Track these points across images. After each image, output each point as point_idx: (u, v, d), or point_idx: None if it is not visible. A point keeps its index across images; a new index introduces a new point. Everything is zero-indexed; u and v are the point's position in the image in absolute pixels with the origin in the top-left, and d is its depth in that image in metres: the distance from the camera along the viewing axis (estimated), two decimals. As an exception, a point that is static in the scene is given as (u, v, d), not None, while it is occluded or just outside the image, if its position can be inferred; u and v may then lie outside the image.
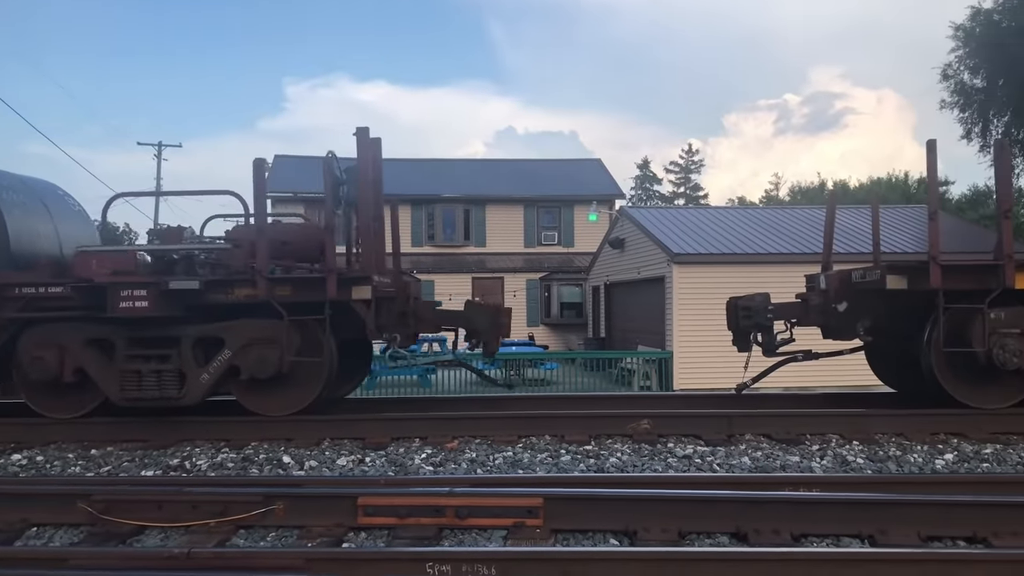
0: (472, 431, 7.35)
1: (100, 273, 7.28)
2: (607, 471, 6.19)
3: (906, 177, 58.67)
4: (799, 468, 6.20)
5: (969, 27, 29.57)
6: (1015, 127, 29.68)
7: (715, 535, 4.74)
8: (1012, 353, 6.95)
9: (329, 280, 7.19)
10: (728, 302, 8.35)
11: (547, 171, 36.46)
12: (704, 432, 7.26)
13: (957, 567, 3.79)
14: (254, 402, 7.60)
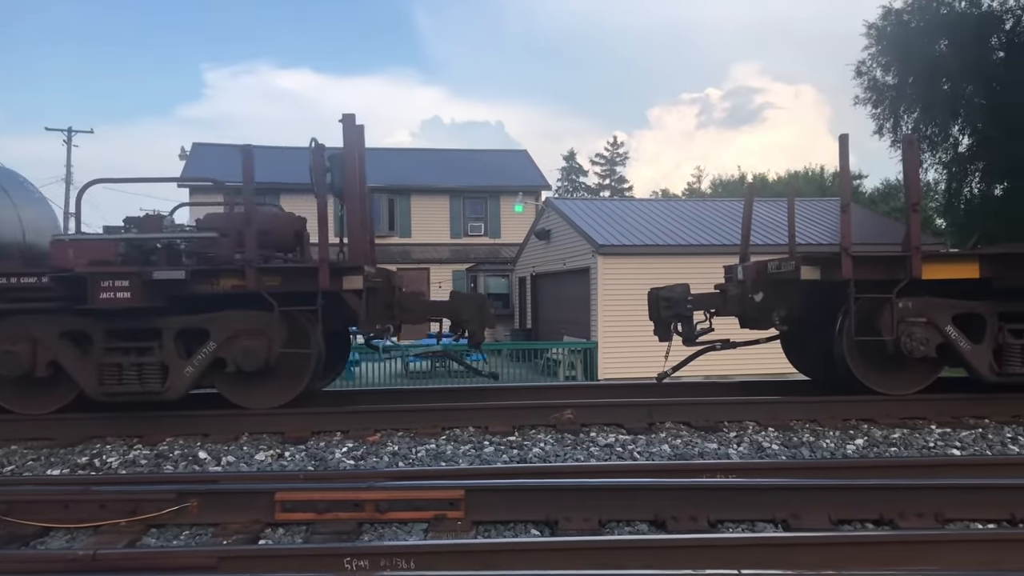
0: (395, 424, 7.28)
1: (78, 263, 6.96)
2: (530, 462, 6.19)
3: (822, 171, 60.53)
4: (717, 455, 6.32)
5: (881, 26, 30.60)
6: (924, 123, 30.85)
7: (635, 523, 4.79)
8: (919, 341, 7.18)
9: (322, 270, 7.01)
10: (649, 293, 8.44)
11: (473, 161, 36.39)
12: (626, 421, 7.34)
13: (865, 549, 3.90)
14: (239, 395, 7.40)
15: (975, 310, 7.34)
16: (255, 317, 7.14)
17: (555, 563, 3.93)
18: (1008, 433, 6.82)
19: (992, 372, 7.30)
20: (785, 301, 8.06)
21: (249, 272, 7.01)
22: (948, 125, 30.60)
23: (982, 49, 29.50)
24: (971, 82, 29.32)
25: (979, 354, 7.31)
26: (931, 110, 30.09)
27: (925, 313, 7.27)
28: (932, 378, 7.63)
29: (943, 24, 29.24)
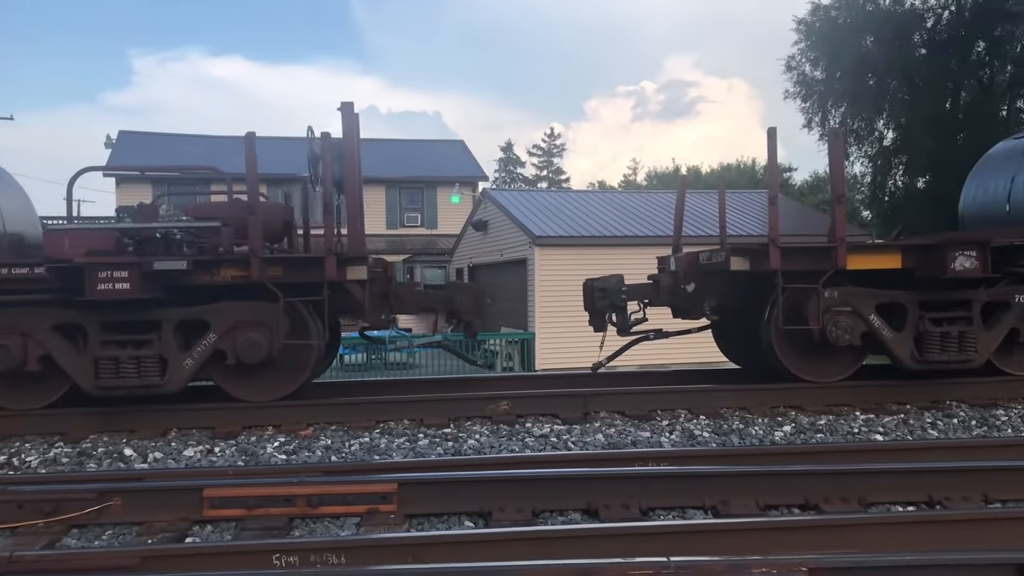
0: (328, 417, 7.19)
1: (74, 253, 6.74)
2: (465, 453, 6.18)
3: (754, 163, 61.75)
4: (649, 443, 6.40)
5: (810, 22, 31.31)
6: (850, 117, 31.69)
7: (568, 512, 4.82)
8: (844, 330, 7.36)
9: (328, 260, 6.92)
10: (584, 284, 8.50)
11: (410, 152, 36.10)
12: (561, 411, 7.38)
13: (791, 533, 3.99)
14: (238, 388, 7.27)
15: (897, 299, 7.55)
16: (257, 308, 7.04)
17: (488, 555, 3.92)
18: (928, 418, 7.05)
19: (913, 360, 7.52)
20: (715, 291, 8.17)
21: (254, 262, 6.88)
22: (873, 119, 31.51)
23: (905, 46, 30.44)
24: (895, 78, 30.23)
25: (901, 342, 7.52)
26: (857, 105, 30.94)
27: (849, 302, 7.45)
28: (856, 366, 7.83)
29: (869, 21, 30.06)
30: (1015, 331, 7.64)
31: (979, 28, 29.94)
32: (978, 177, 10.35)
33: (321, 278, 6.96)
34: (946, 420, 7.00)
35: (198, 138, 34.48)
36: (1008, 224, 9.05)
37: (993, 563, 3.36)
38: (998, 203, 9.61)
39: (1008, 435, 6.62)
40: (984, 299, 7.61)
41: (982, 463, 5.15)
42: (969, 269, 7.22)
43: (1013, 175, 9.45)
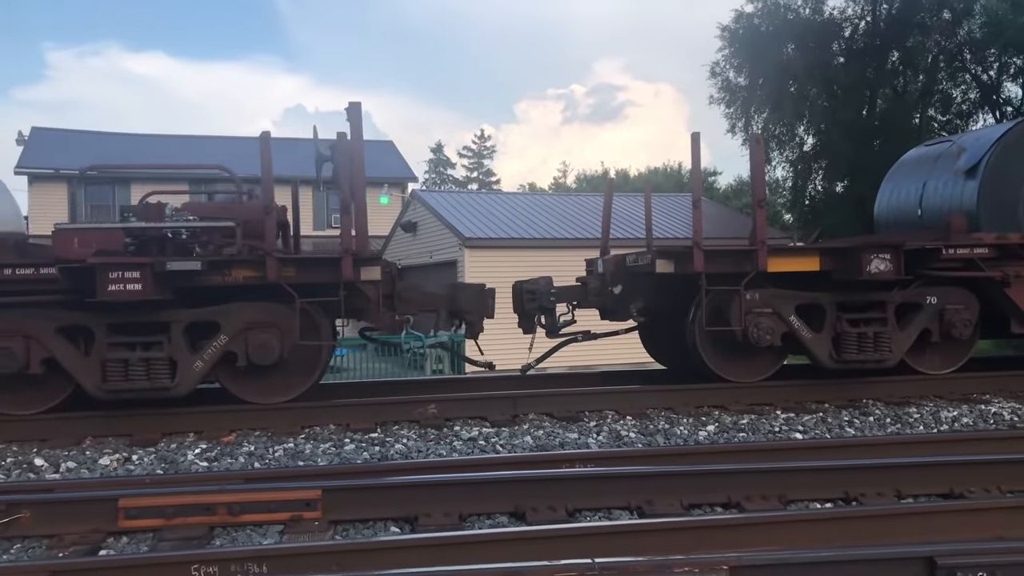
0: (252, 423, 7.05)
1: (83, 252, 6.58)
2: (391, 458, 6.12)
3: (680, 167, 62.83)
4: (577, 445, 6.43)
5: (734, 29, 32.06)
6: (772, 123, 32.56)
7: (495, 515, 4.81)
8: (765, 331, 7.54)
9: (344, 261, 6.90)
10: (514, 286, 8.51)
11: (338, 152, 35.63)
12: (490, 414, 7.38)
13: (712, 532, 4.06)
14: (246, 390, 7.20)
15: (816, 301, 7.76)
16: (268, 309, 6.99)
17: (413, 560, 3.88)
18: (845, 416, 7.26)
19: (831, 359, 7.75)
20: (642, 293, 8.28)
21: (270, 263, 6.82)
22: (794, 125, 32.43)
23: (825, 54, 31.44)
24: (815, 85, 31.18)
25: (819, 342, 7.74)
26: (779, 110, 31.80)
27: (770, 304, 7.63)
28: (777, 366, 8.03)
29: (790, 29, 30.93)
30: (927, 331, 7.91)
31: (893, 38, 31.11)
32: (892, 182, 10.70)
33: (336, 279, 6.93)
34: (862, 418, 7.22)
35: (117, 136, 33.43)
36: (920, 228, 9.38)
37: (905, 556, 3.47)
38: (911, 207, 9.97)
39: (920, 432, 6.86)
40: (898, 300, 7.86)
41: (896, 460, 5.33)
42: (884, 271, 7.46)
43: (925, 181, 9.81)
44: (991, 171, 8.84)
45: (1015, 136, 8.95)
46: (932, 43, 31.14)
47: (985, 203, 8.79)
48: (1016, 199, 8.75)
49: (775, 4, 31.58)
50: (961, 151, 9.41)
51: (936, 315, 7.89)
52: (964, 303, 7.93)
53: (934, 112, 33.09)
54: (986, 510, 4.29)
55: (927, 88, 32.15)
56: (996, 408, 7.44)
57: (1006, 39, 29.31)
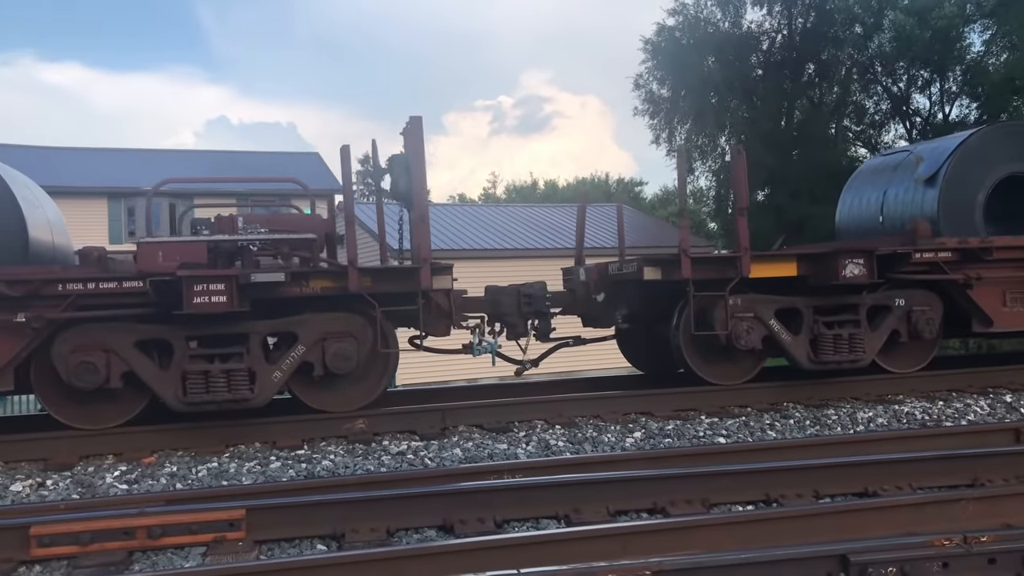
0: (174, 443, 6.88)
1: (167, 266, 6.73)
2: (318, 475, 6.05)
3: (607, 177, 63.65)
4: (506, 456, 6.46)
5: (656, 42, 32.69)
6: (695, 134, 33.26)
7: (423, 529, 4.80)
8: (747, 334, 7.79)
9: (424, 270, 7.13)
10: (487, 288, 8.50)
11: (262, 164, 35.02)
12: (419, 427, 7.35)
13: (636, 538, 4.12)
14: (320, 399, 7.32)
15: (794, 305, 8.08)
16: (344, 319, 7.15)
17: (340, 578, 3.85)
18: (767, 420, 7.45)
19: (809, 360, 8.05)
20: (626, 300, 8.49)
21: (352, 273, 6.96)
22: (716, 136, 33.18)
23: (744, 66, 32.30)
24: (735, 96, 32.00)
25: (798, 345, 8.05)
26: (701, 121, 32.52)
27: (752, 309, 7.91)
28: (758, 368, 8.33)
29: (710, 42, 31.70)
30: (896, 332, 8.30)
31: (809, 51, 32.15)
32: (852, 190, 11.11)
33: (409, 288, 7.15)
34: (783, 421, 7.42)
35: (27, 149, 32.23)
36: (882, 234, 9.77)
37: (820, 555, 3.58)
38: (872, 214, 10.38)
39: (837, 433, 7.08)
40: (869, 303, 8.24)
41: (813, 461, 5.49)
42: (858, 276, 7.83)
43: (885, 188, 10.21)
44: (950, 179, 9.25)
45: (971, 146, 9.40)
46: (845, 56, 32.29)
47: (945, 209, 9.19)
48: (973, 205, 9.21)
49: (695, 18, 32.35)
50: (920, 160, 9.79)
51: (904, 316, 8.28)
52: (929, 304, 8.34)
53: (848, 122, 34.29)
54: (898, 507, 4.45)
55: (841, 99, 33.30)
56: (909, 408, 7.72)
57: (913, 53, 30.58)
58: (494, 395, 8.86)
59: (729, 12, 32.47)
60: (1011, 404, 7.79)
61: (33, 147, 31.66)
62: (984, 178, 9.25)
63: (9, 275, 6.61)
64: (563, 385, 9.43)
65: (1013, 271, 8.57)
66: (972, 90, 31.62)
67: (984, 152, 9.35)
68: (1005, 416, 7.48)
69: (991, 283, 8.48)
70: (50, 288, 6.62)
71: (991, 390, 8.34)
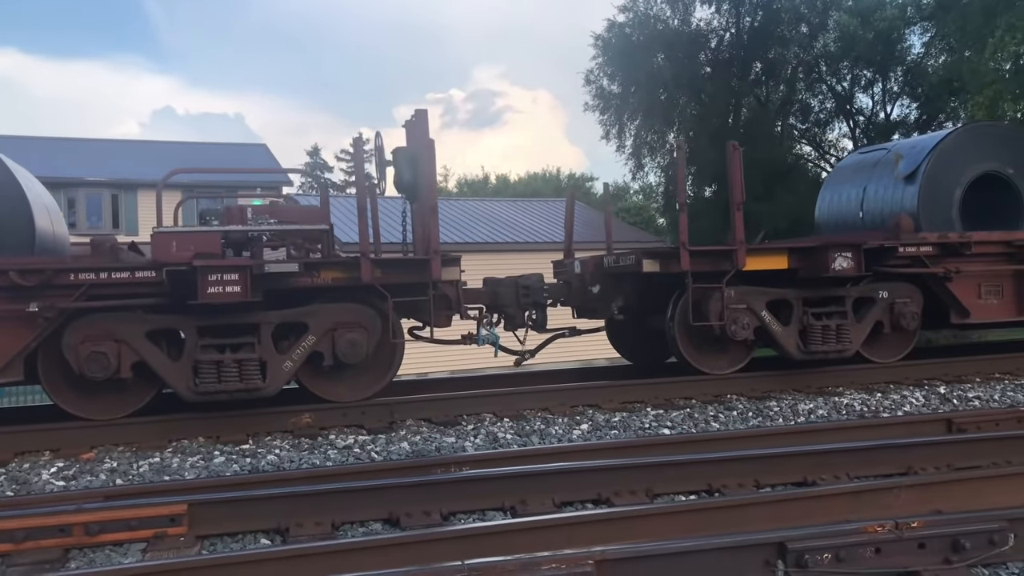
0: (114, 439, 6.77)
1: (182, 256, 6.72)
2: (263, 469, 5.99)
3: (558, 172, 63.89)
4: (453, 449, 6.47)
5: (606, 38, 32.89)
6: (644, 130, 33.58)
7: (369, 523, 4.78)
8: (741, 325, 8.01)
9: (434, 261, 7.24)
10: (507, 280, 8.56)
11: (209, 155, 34.39)
12: (366, 421, 7.34)
13: (580, 528, 4.16)
14: (328, 389, 7.44)
15: (784, 296, 8.33)
16: (354, 309, 7.26)
17: (284, 572, 3.81)
18: (711, 412, 7.57)
19: (799, 350, 8.34)
20: (621, 292, 8.67)
21: (365, 264, 7.08)
22: (665, 132, 33.53)
23: (693, 64, 32.66)
24: (684, 93, 32.35)
25: (788, 335, 8.32)
26: (651, 118, 32.84)
27: (744, 300, 8.13)
28: (748, 358, 8.57)
29: (660, 39, 31.99)
30: (880, 323, 8.61)
31: (756, 50, 32.66)
32: (831, 187, 11.49)
33: (418, 279, 7.30)
34: (727, 413, 7.55)
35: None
36: (862, 229, 10.15)
37: (759, 543, 3.65)
38: (852, 210, 10.74)
39: (779, 424, 7.23)
40: (855, 295, 8.54)
41: (754, 451, 5.60)
42: (847, 268, 8.14)
43: (865, 185, 10.57)
44: (929, 176, 9.65)
45: (949, 145, 9.82)
46: (791, 55, 32.89)
47: (924, 205, 9.59)
48: (950, 202, 9.65)
49: (645, 15, 32.62)
50: (899, 158, 10.17)
51: (887, 308, 8.63)
52: (910, 297, 8.71)
53: (794, 120, 34.94)
54: (834, 496, 4.56)
55: (787, 98, 33.91)
56: (848, 400, 7.91)
57: (857, 53, 31.25)
58: (443, 389, 8.89)
59: (678, 10, 32.83)
60: (944, 395, 8.03)
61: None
62: (960, 176, 9.71)
63: (22, 265, 6.61)
64: (512, 378, 9.46)
65: (988, 265, 8.99)
66: (912, 90, 32.48)
67: (960, 151, 9.79)
68: (938, 407, 7.71)
69: (968, 276, 8.88)
70: (62, 278, 6.60)
71: (926, 382, 8.60)
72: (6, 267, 6.51)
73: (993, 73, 23.83)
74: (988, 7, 23.95)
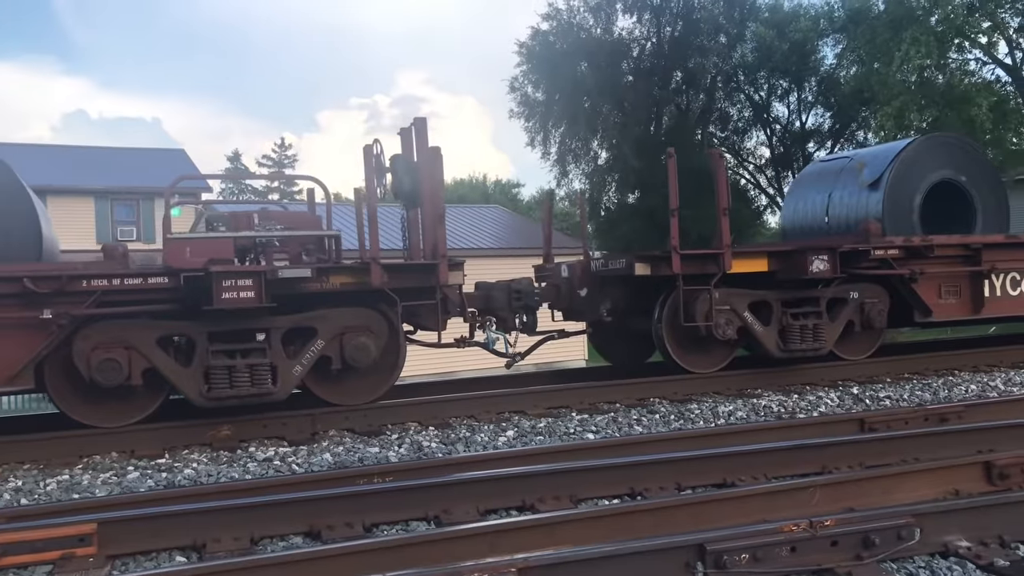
0: (20, 455, 6.50)
1: (195, 262, 6.84)
2: (179, 484, 5.81)
3: (484, 179, 64.00)
4: (377, 459, 6.39)
5: (530, 45, 33.13)
6: (569, 138, 33.92)
7: (289, 537, 4.68)
8: (726, 326, 8.29)
9: (442, 266, 7.46)
10: (500, 284, 8.74)
11: (123, 160, 33.42)
12: (288, 433, 7.21)
13: (504, 536, 4.13)
14: (334, 393, 7.54)
15: (765, 298, 8.72)
16: (362, 314, 7.39)
17: (199, 590, 3.70)
18: (634, 415, 7.66)
19: (778, 349, 8.70)
20: (610, 295, 8.91)
21: (375, 269, 7.21)
22: (589, 140, 33.97)
23: (615, 72, 33.16)
24: (607, 101, 32.80)
25: (768, 335, 8.65)
26: (575, 125, 33.20)
27: (728, 302, 8.41)
28: (730, 357, 8.87)
29: (583, 48, 32.40)
30: (851, 322, 9.00)
31: (677, 59, 33.34)
32: (797, 194, 11.98)
33: (423, 283, 7.52)
34: (650, 416, 7.65)
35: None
36: (828, 234, 10.63)
37: (679, 545, 3.69)
38: (818, 216, 11.21)
39: (700, 427, 7.35)
40: (829, 296, 8.91)
41: (676, 454, 5.66)
42: (823, 270, 8.56)
43: (830, 191, 11.06)
44: (892, 183, 10.20)
45: (910, 153, 10.41)
46: (711, 65, 33.68)
47: (888, 211, 10.11)
48: (911, 207, 10.20)
49: (568, 23, 33.00)
50: (863, 166, 10.72)
51: (858, 308, 9.03)
52: (878, 297, 9.17)
53: (714, 129, 35.79)
54: (752, 496, 4.63)
55: (707, 106, 34.71)
56: (766, 401, 8.10)
57: (773, 63, 32.20)
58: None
59: (601, 19, 33.30)
60: (858, 396, 8.30)
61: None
62: (919, 183, 10.28)
63: (36, 271, 6.57)
64: (438, 387, 9.42)
65: (947, 267, 9.49)
66: (826, 100, 33.61)
67: (919, 160, 10.40)
68: (852, 407, 7.96)
69: (930, 278, 9.37)
70: (75, 284, 6.58)
71: (841, 383, 8.88)
72: (20, 274, 6.48)
73: (900, 85, 24.85)
74: (895, 21, 24.99)
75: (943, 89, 25.35)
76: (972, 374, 9.28)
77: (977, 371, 9.44)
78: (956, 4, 23.78)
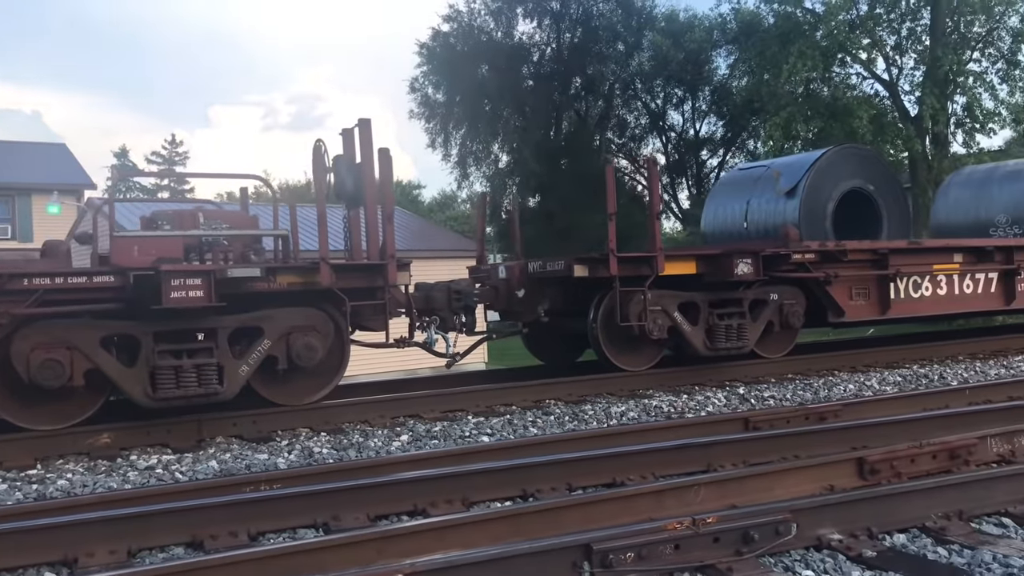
0: None
1: (143, 260, 6.76)
2: (51, 496, 5.51)
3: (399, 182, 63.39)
4: (265, 466, 6.23)
5: (431, 46, 33.02)
6: (470, 140, 33.96)
7: (170, 548, 4.50)
8: (657, 325, 8.65)
9: (391, 266, 7.49)
10: (440, 284, 8.72)
11: (2, 154, 31.64)
12: (172, 440, 6.97)
13: (392, 541, 4.08)
14: (279, 393, 7.53)
15: (693, 299, 9.07)
16: (309, 314, 7.39)
17: (68, 608, 3.51)
18: (530, 417, 7.71)
19: (705, 347, 9.10)
20: (547, 296, 9.11)
21: (324, 269, 7.17)
22: (490, 143, 34.10)
23: (516, 76, 33.40)
24: (507, 105, 33.01)
25: (696, 334, 9.00)
26: (475, 128, 33.28)
27: (659, 303, 8.67)
28: (660, 355, 9.34)
29: (483, 50, 32.52)
30: (771, 323, 9.41)
31: (576, 65, 33.84)
32: (716, 201, 12.42)
33: (370, 284, 7.56)
34: (544, 417, 7.71)
35: None
36: (746, 239, 11.09)
37: (566, 546, 3.72)
38: (737, 222, 11.67)
39: (592, 427, 7.46)
40: (751, 297, 9.26)
41: (567, 455, 5.71)
42: (747, 273, 8.95)
43: (748, 199, 11.51)
44: (807, 191, 10.74)
45: (824, 163, 10.98)
46: (609, 72, 34.33)
47: (804, 217, 10.66)
48: (824, 214, 10.78)
49: (470, 26, 33.07)
50: (779, 174, 11.20)
51: (778, 309, 9.43)
52: (796, 299, 9.63)
53: (612, 135, 36.48)
54: (639, 495, 4.71)
55: (605, 113, 35.36)
56: (657, 402, 8.28)
57: (669, 72, 33.05)
58: (257, 405, 8.54)
59: (502, 23, 33.51)
60: (743, 395, 8.58)
61: None
62: (832, 191, 10.85)
63: None
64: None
65: (857, 270, 10.04)
66: (719, 109, 34.71)
67: (832, 169, 10.98)
68: (737, 406, 8.23)
69: (843, 280, 9.88)
70: (16, 283, 6.39)
71: (728, 383, 9.17)
72: None
73: (788, 96, 25.88)
74: (784, 35, 26.03)
75: (828, 101, 26.54)
76: (851, 374, 9.72)
77: (855, 371, 9.90)
78: (839, 20, 24.95)
